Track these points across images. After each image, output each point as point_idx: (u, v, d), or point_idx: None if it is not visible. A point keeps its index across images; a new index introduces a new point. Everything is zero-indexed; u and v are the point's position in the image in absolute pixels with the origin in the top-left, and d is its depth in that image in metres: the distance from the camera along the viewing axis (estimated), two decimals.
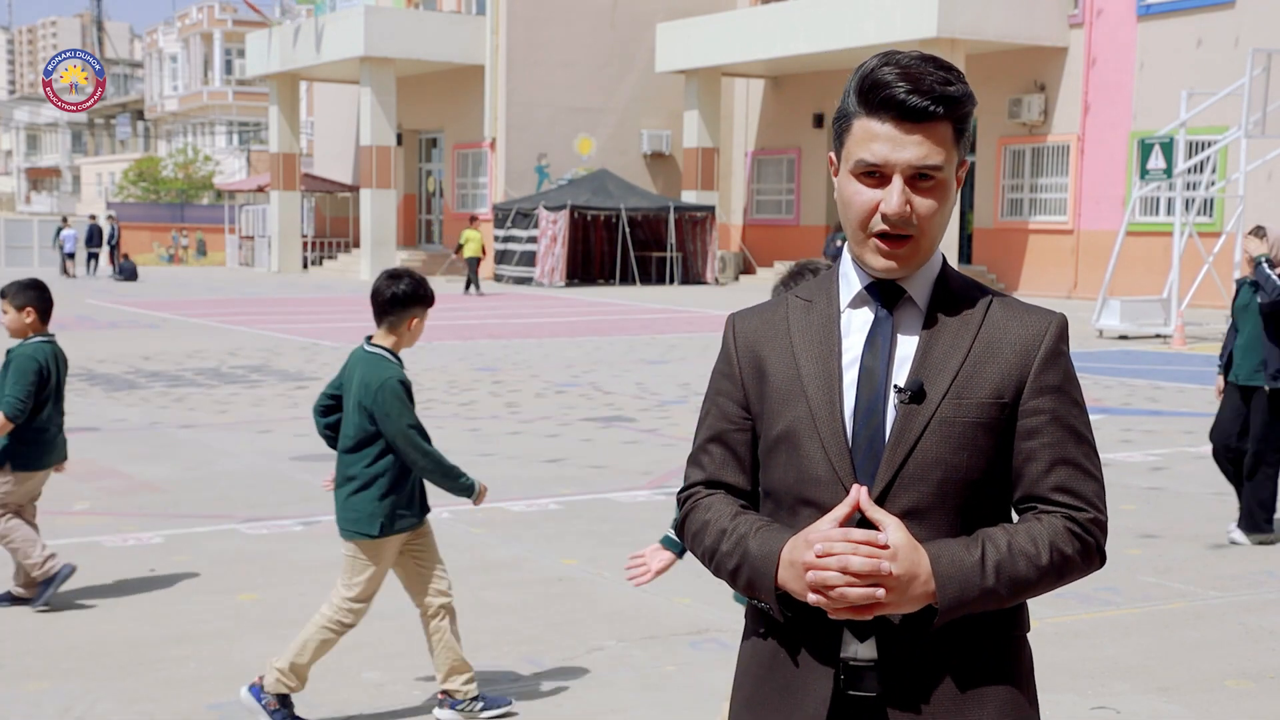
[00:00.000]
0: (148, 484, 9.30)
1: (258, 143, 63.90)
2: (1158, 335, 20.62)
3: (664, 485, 9.29)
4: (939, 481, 2.06)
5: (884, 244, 2.06)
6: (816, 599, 1.98)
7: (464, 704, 5.01)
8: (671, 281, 34.64)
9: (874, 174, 2.05)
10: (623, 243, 34.39)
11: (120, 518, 8.27)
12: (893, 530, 1.99)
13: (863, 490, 2.02)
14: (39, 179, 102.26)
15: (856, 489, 2.02)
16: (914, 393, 2.05)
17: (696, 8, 36.70)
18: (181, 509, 8.60)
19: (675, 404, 13.27)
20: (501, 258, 34.96)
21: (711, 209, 34.77)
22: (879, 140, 2.03)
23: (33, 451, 6.44)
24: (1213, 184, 22.90)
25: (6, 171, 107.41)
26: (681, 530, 2.26)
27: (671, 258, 34.67)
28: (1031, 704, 2.16)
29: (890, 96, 2.02)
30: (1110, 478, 8.86)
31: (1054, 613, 6.22)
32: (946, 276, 2.14)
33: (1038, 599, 2.15)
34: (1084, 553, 2.07)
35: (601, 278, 35.29)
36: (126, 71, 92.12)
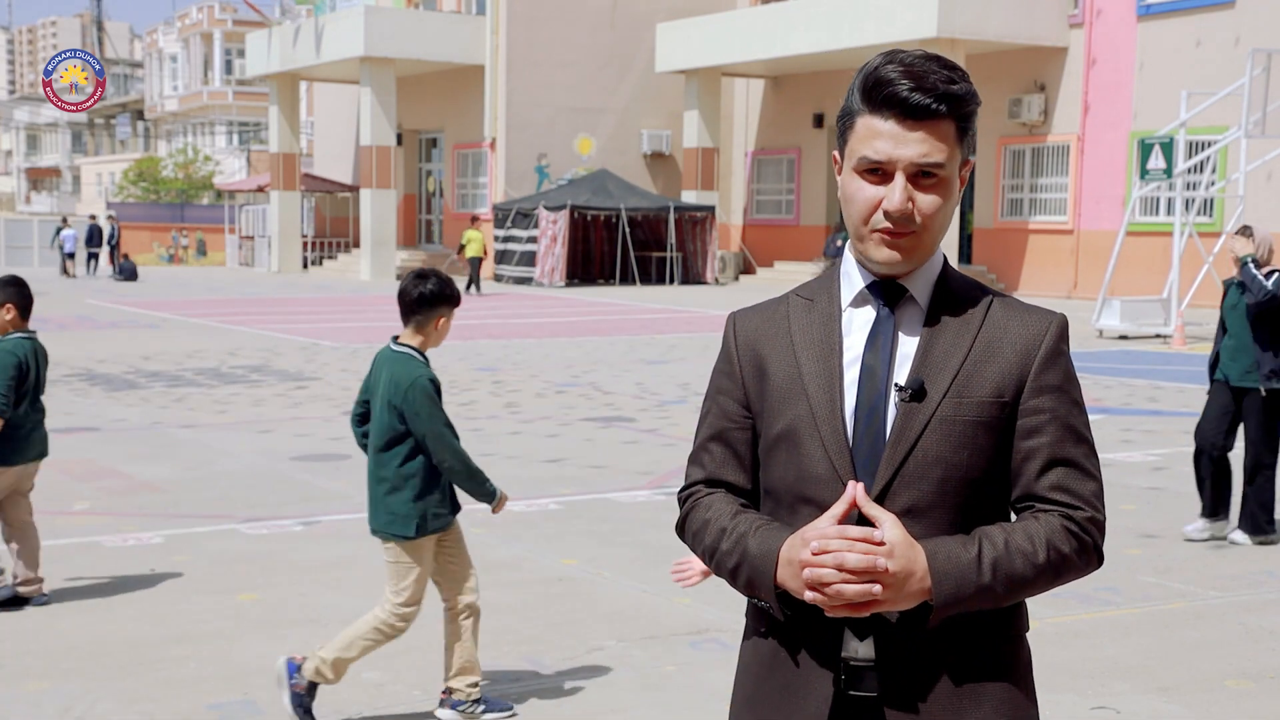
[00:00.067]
0: (148, 484, 9.30)
1: (258, 143, 63.91)
2: (1158, 335, 20.62)
3: (664, 485, 9.29)
4: (939, 480, 2.06)
5: (887, 235, 2.06)
6: (813, 596, 1.98)
7: (466, 705, 5.01)
8: (671, 281, 34.64)
9: (877, 171, 2.05)
10: (623, 243, 34.38)
11: (120, 518, 8.27)
12: (889, 527, 1.99)
13: (859, 486, 2.02)
14: (39, 179, 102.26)
15: (853, 485, 2.02)
16: (915, 391, 2.06)
17: (696, 8, 36.69)
18: (181, 509, 8.60)
19: (675, 404, 13.27)
20: (501, 258, 34.95)
21: (711, 209, 34.77)
22: (882, 137, 2.04)
23: (3, 449, 6.42)
24: (1213, 184, 22.89)
25: (6, 171, 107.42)
26: (682, 529, 2.26)
27: (671, 258, 34.67)
28: (1030, 703, 2.15)
29: (893, 94, 2.02)
30: (1110, 478, 8.86)
31: (1054, 613, 6.22)
32: (948, 276, 2.15)
33: (1038, 599, 2.15)
34: (1081, 552, 2.07)
35: (601, 278, 35.29)
36: (126, 71, 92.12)
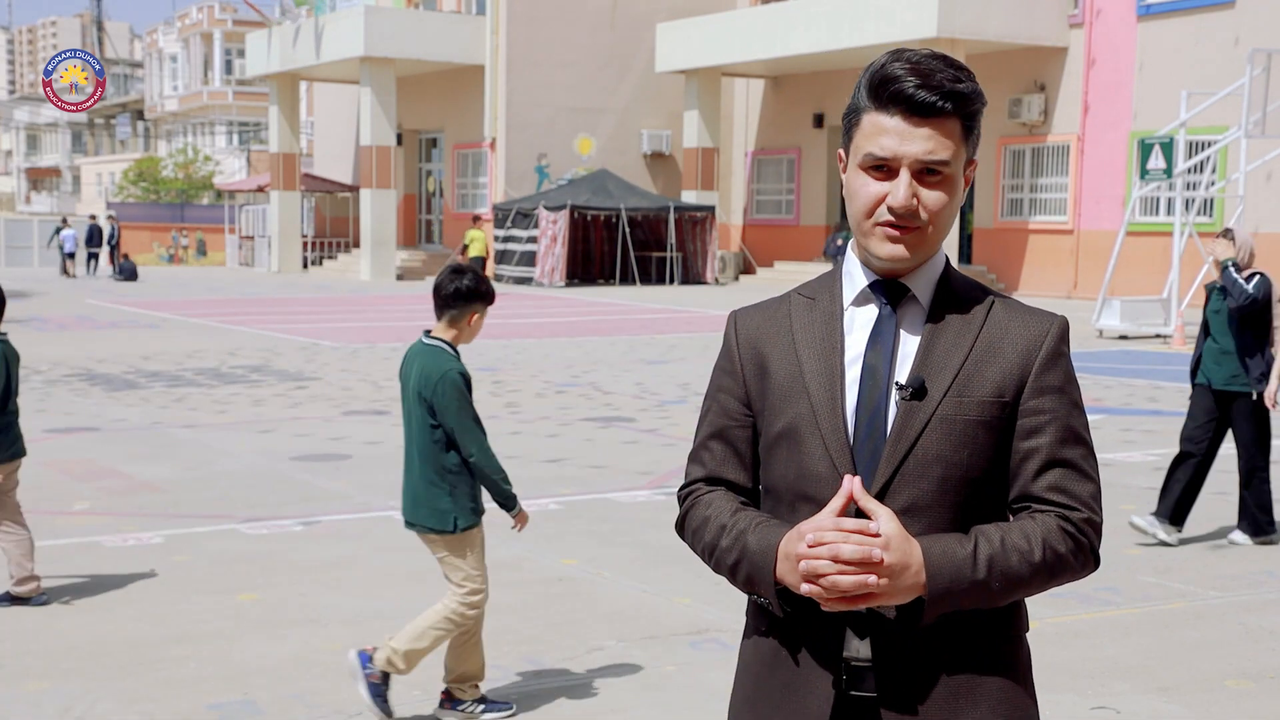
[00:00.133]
0: (148, 484, 9.30)
1: (258, 143, 63.91)
2: (1158, 335, 20.62)
3: (664, 485, 9.29)
4: (939, 478, 2.06)
5: (891, 229, 2.06)
6: (809, 588, 1.98)
7: (466, 705, 5.01)
8: (671, 281, 34.63)
9: (882, 168, 2.06)
10: (623, 243, 34.38)
11: (120, 518, 8.27)
12: (885, 520, 1.99)
13: (856, 480, 2.02)
14: (39, 179, 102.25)
15: (850, 480, 2.02)
16: (916, 390, 2.06)
17: (696, 8, 36.68)
18: (181, 509, 8.60)
19: (675, 404, 13.27)
20: (502, 258, 34.94)
21: (711, 209, 34.76)
22: (887, 134, 2.04)
23: None
24: (1212, 184, 22.90)
25: (6, 171, 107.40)
26: (682, 526, 2.26)
27: (671, 258, 34.66)
28: (1030, 703, 2.15)
29: (899, 91, 2.03)
30: (1110, 478, 8.87)
31: (1054, 613, 6.22)
32: (950, 276, 2.15)
33: (1038, 599, 2.15)
34: (1077, 553, 2.07)
35: (601, 278, 35.28)
36: (126, 71, 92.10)
